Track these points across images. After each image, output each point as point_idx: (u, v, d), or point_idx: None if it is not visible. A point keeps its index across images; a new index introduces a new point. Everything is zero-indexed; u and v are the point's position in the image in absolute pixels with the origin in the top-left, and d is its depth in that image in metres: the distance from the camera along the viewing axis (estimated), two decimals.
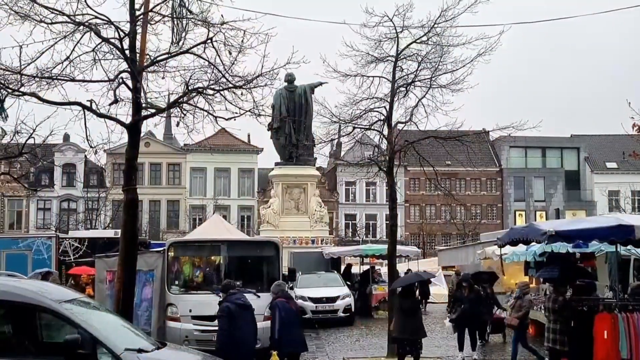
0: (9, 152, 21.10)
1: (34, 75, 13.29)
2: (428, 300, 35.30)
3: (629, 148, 29.57)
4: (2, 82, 13.63)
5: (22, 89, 13.56)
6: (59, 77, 13.35)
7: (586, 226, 13.54)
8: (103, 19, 13.36)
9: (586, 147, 75.37)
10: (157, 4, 14.07)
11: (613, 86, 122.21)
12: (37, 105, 13.81)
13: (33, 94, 13.44)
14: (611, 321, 12.28)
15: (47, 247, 28.11)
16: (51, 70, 13.28)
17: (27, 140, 19.25)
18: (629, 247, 15.75)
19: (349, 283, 29.02)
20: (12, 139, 19.78)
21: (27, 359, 8.87)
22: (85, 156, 64.94)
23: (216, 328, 16.43)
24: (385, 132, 18.53)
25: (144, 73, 13.88)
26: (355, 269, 33.76)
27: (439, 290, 35.46)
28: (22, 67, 13.13)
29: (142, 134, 15.04)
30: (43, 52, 13.19)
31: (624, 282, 18.41)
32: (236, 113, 13.99)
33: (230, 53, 13.72)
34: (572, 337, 13.57)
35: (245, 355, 12.59)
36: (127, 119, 13.83)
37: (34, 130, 18.26)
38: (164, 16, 14.14)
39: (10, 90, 13.84)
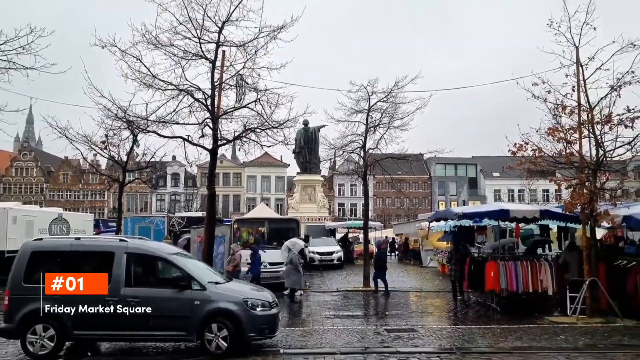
0: (140, 166, 21.20)
1: (155, 120, 13.36)
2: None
3: (507, 164, 29.38)
4: (136, 124, 13.71)
5: (147, 129, 13.64)
6: (169, 122, 13.42)
7: (481, 210, 13.72)
8: (195, 87, 13.44)
9: (481, 163, 74.99)
10: (227, 79, 14.15)
11: (500, 124, 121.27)
12: (156, 138, 13.91)
13: (154, 132, 13.52)
14: (495, 266, 12.32)
15: (162, 222, 28.15)
16: (164, 117, 13.35)
17: (150, 159, 19.29)
18: (506, 222, 15.75)
19: (341, 243, 28.92)
20: (141, 158, 19.86)
21: (151, 287, 8.91)
22: (185, 169, 65.05)
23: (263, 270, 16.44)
24: (362, 154, 18.51)
25: (219, 119, 13.94)
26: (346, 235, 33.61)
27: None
28: (148, 115, 13.22)
29: (218, 155, 15.05)
30: (159, 107, 13.29)
31: None
32: (274, 143, 14.06)
33: (270, 107, 13.79)
34: (471, 275, 13.60)
35: None
36: (209, 146, 13.89)
37: (154, 153, 18.36)
38: (231, 85, 14.21)
39: (141, 130, 13.92)
